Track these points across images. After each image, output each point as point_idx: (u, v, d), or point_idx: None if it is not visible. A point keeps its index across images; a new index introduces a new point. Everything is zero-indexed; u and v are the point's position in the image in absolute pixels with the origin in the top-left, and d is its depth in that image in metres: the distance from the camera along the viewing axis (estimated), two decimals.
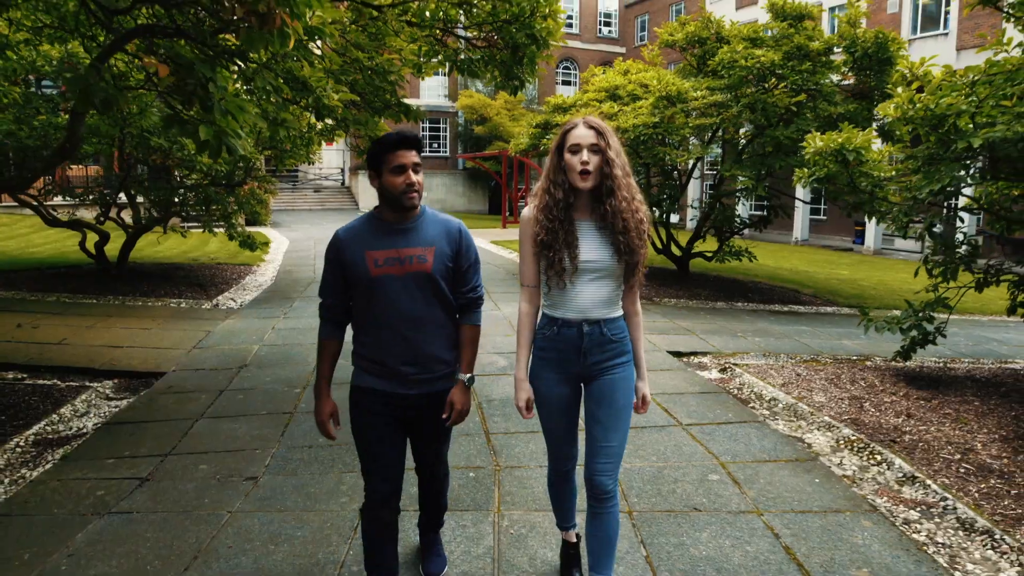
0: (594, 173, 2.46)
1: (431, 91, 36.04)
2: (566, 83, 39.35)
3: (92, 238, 10.94)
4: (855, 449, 4.67)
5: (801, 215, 26.55)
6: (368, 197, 34.17)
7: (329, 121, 6.31)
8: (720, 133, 11.34)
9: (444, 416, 2.60)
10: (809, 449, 4.69)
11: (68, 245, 14.90)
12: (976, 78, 4.92)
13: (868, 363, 7.14)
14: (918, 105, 5.05)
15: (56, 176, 12.99)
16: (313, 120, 7.05)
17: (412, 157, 2.46)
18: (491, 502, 3.79)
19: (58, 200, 13.29)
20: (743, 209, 17.69)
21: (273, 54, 4.21)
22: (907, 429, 5.01)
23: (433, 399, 2.61)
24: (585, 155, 2.45)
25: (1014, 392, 5.98)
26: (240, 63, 3.72)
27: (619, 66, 12.19)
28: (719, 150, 12.31)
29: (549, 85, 37.47)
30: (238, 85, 4.28)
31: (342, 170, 37.78)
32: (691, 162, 11.92)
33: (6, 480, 4.13)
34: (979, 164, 5.94)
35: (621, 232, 2.48)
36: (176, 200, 11.10)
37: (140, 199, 11.28)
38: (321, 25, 3.49)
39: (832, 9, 26.14)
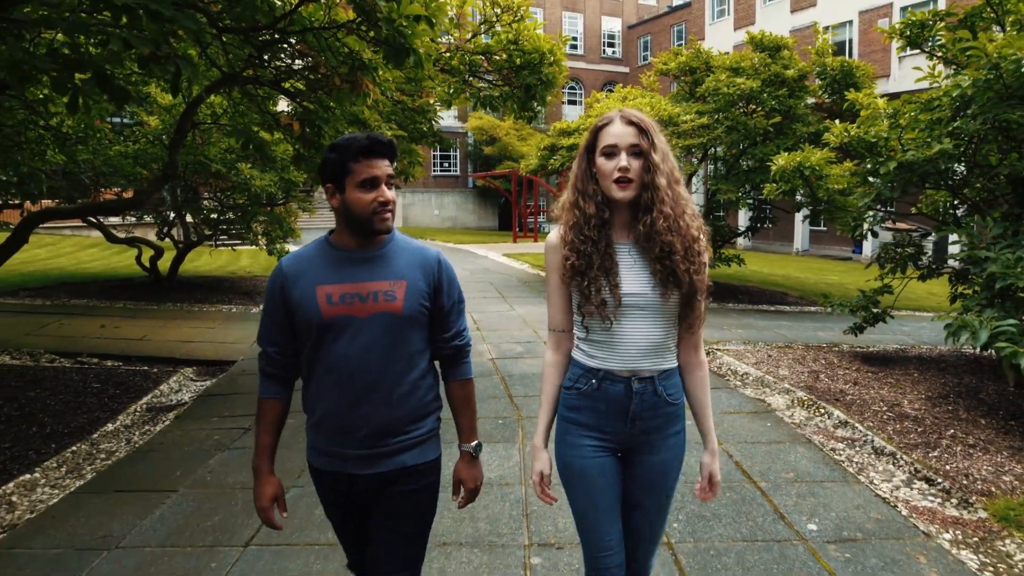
0: (636, 181, 1.92)
1: (442, 112, 37.52)
2: (572, 102, 40.64)
3: (147, 253, 12.24)
4: (805, 406, 5.83)
5: (800, 226, 27.62)
6: None
7: None
8: (711, 151, 12.55)
9: (454, 498, 2.17)
10: (768, 406, 5.85)
11: (114, 261, 16.26)
12: (897, 110, 6.11)
13: (835, 348, 8.28)
14: (852, 133, 6.24)
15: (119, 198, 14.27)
16: None
17: (385, 168, 1.92)
18: (516, 437, 4.97)
19: (115, 220, 14.56)
20: (743, 218, 18.54)
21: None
22: (851, 392, 6.16)
23: (392, 480, 2.00)
24: (624, 159, 1.91)
25: (951, 368, 7.10)
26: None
27: (619, 92, 13.44)
28: (711, 167, 13.52)
29: (556, 105, 38.84)
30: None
31: None
32: (685, 176, 13.15)
33: (137, 433, 5.34)
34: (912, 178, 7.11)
35: (660, 257, 1.92)
36: (220, 219, 12.41)
37: (189, 218, 12.59)
38: (383, 82, 4.72)
39: (826, 28, 27.58)
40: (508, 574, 3.19)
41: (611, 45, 42.09)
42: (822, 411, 5.66)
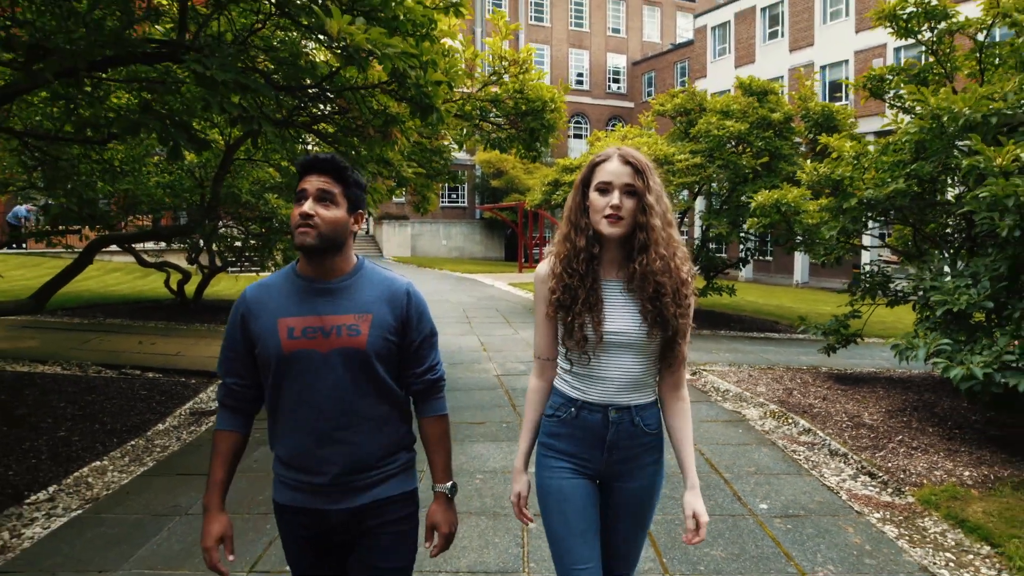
0: (627, 219, 1.95)
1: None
2: (577, 136, 41.67)
3: (175, 277, 13.08)
4: (775, 416, 6.54)
5: (800, 259, 28.33)
6: (392, 245, 36.51)
7: (391, 182, 8.44)
8: (705, 188, 13.38)
9: (427, 544, 2.05)
10: (742, 416, 6.56)
11: (139, 285, 17.14)
12: (859, 153, 6.91)
13: (813, 370, 8.98)
14: (820, 172, 7.03)
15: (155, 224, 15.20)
16: (392, 184, 9.08)
17: (319, 182, 1.85)
18: (518, 437, 5.69)
19: (148, 245, 15.45)
20: (747, 249, 19.40)
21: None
22: (818, 406, 6.86)
23: (366, 514, 1.93)
24: (616, 197, 1.94)
25: (916, 387, 7.80)
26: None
27: (619, 131, 14.33)
28: (706, 202, 14.33)
29: (562, 139, 39.87)
30: None
31: (367, 220, 40.25)
32: (678, 213, 13.95)
33: (184, 432, 6.08)
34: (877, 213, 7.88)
35: (651, 298, 1.96)
36: (244, 246, 13.26)
37: (214, 246, 13.45)
38: (408, 131, 5.54)
39: (824, 67, 28.67)
40: (509, 535, 3.90)
41: (616, 81, 43.27)
42: (790, 421, 6.36)
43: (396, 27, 4.21)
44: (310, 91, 5.07)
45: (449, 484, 2.05)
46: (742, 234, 12.14)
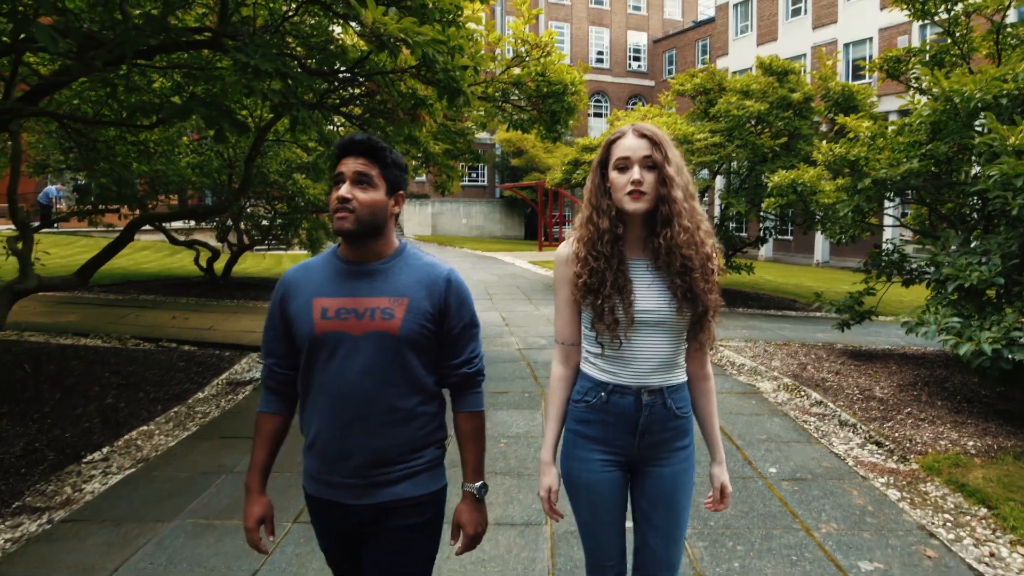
0: (649, 194, 1.91)
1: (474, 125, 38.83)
2: (597, 115, 41.53)
3: (204, 255, 13.47)
4: (789, 389, 6.75)
5: (821, 238, 28.22)
6: (413, 224, 36.85)
7: (414, 163, 8.69)
8: (724, 167, 13.48)
9: (452, 542, 1.99)
10: (756, 389, 6.77)
11: (168, 262, 17.59)
12: (875, 133, 7.03)
13: (828, 346, 9.15)
14: (836, 152, 7.17)
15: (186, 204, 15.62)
16: (415, 164, 9.33)
17: (355, 165, 1.83)
18: (539, 406, 5.98)
19: (177, 224, 15.88)
20: (766, 228, 19.32)
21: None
22: (831, 380, 7.06)
23: (391, 513, 1.88)
24: (636, 172, 1.90)
25: (929, 363, 7.96)
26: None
27: (638, 110, 14.43)
28: (726, 181, 14.43)
29: (582, 118, 39.82)
30: None
31: None
32: (698, 192, 14.08)
33: (223, 400, 6.42)
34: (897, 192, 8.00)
35: (679, 273, 1.92)
36: (271, 225, 13.61)
37: (242, 224, 13.82)
38: (435, 113, 5.77)
39: (847, 45, 28.38)
40: (531, 493, 4.19)
41: (636, 59, 42.96)
42: (802, 393, 6.57)
43: (425, 15, 4.43)
44: (341, 75, 5.31)
45: (478, 484, 1.96)
46: (761, 213, 12.25)
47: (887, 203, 7.59)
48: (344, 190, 1.79)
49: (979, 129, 6.37)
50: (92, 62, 4.13)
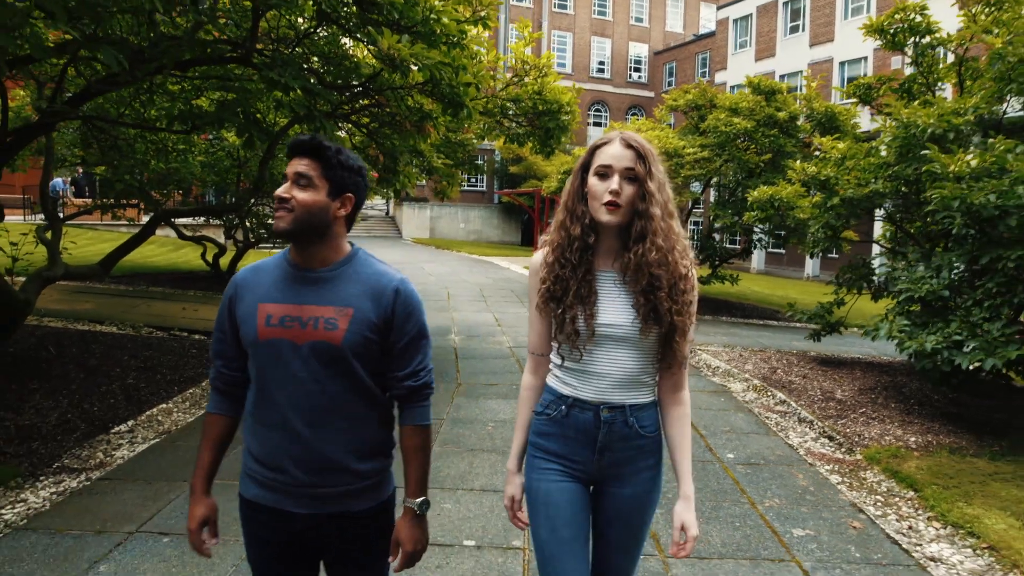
0: (625, 207, 1.85)
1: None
2: (597, 124, 42.08)
3: (211, 251, 14.01)
4: (757, 390, 7.30)
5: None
6: (411, 227, 37.42)
7: (416, 171, 9.29)
8: (713, 180, 14.07)
9: (390, 559, 1.92)
10: (727, 389, 7.32)
11: (173, 257, 18.12)
12: (844, 155, 7.60)
13: (802, 354, 9.70)
14: (808, 172, 7.74)
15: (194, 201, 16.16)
16: (415, 172, 9.90)
17: (298, 165, 1.79)
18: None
19: (186, 221, 16.46)
20: (753, 240, 19.99)
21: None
22: (798, 383, 7.61)
23: (335, 524, 1.86)
24: (615, 182, 1.84)
25: (892, 371, 8.51)
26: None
27: (633, 123, 15.02)
28: (715, 194, 15.01)
29: (581, 126, 40.45)
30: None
31: (387, 201, 41.16)
32: (688, 203, 14.65)
33: None
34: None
35: (645, 291, 1.86)
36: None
37: (247, 222, 14.35)
38: (439, 126, 6.32)
39: (843, 63, 29.03)
40: None
41: (637, 70, 43.52)
42: (768, 394, 7.12)
43: (433, 40, 4.99)
44: (355, 89, 5.86)
45: (420, 500, 1.88)
46: (744, 226, 12.83)
47: (852, 220, 8.14)
48: (282, 189, 1.77)
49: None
50: (136, 73, 4.69)
